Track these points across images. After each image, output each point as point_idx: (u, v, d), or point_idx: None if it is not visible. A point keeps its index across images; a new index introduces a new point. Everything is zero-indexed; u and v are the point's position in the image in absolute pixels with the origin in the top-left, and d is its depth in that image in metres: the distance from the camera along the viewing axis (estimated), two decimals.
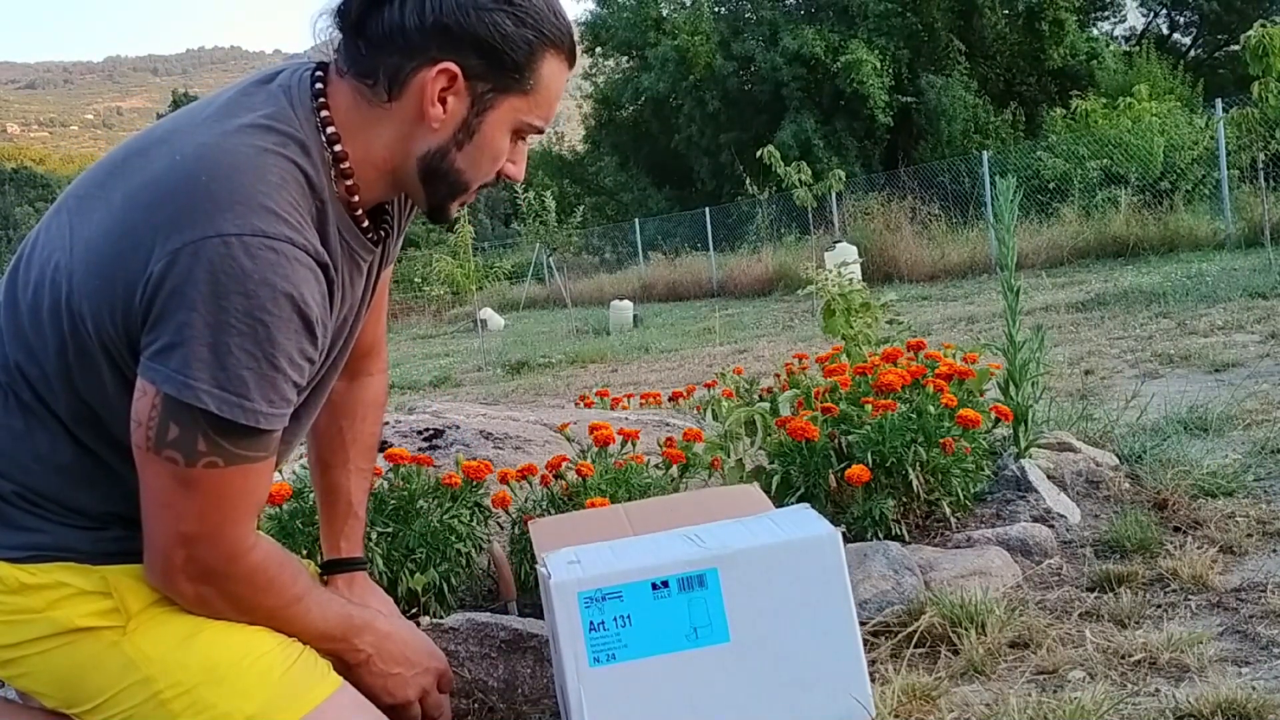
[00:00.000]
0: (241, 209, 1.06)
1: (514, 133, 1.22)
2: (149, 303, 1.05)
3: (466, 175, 1.22)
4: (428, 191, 1.23)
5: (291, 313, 1.07)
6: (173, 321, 1.03)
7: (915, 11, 22.46)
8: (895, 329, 3.69)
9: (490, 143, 1.20)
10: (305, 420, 1.32)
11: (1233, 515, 2.20)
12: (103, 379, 1.11)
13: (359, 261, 1.25)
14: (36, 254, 1.16)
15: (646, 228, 21.52)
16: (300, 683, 1.18)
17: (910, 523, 2.15)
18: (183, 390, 1.03)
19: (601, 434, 2.24)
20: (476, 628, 1.69)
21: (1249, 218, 10.76)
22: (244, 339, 1.04)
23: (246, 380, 1.05)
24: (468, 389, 7.82)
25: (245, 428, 1.07)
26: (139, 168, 1.12)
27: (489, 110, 1.18)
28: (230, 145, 1.10)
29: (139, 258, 1.05)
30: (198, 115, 1.18)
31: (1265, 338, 4.82)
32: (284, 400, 1.10)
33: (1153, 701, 1.45)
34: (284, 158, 1.12)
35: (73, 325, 1.10)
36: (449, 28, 1.13)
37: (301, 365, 1.11)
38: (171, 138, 1.14)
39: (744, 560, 1.37)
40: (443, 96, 1.16)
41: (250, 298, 1.04)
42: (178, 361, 1.03)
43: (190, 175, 1.08)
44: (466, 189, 1.24)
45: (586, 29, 27.85)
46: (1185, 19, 28.53)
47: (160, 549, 1.12)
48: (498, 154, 1.22)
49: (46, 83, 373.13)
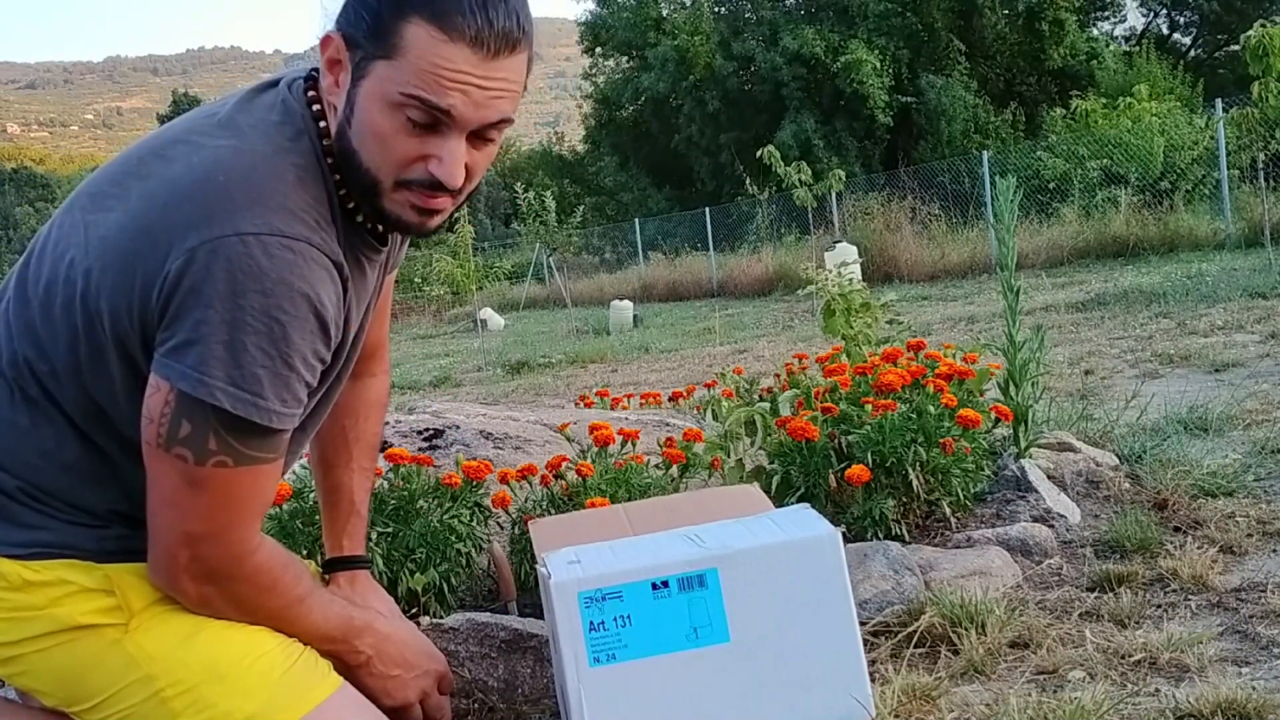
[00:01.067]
0: (260, 209, 1.06)
1: (396, 108, 1.09)
2: (166, 300, 1.05)
3: (363, 160, 1.12)
4: (356, 192, 1.16)
5: (308, 312, 1.07)
6: (189, 319, 1.04)
7: (915, 11, 22.46)
8: (895, 329, 3.69)
9: (369, 118, 1.10)
10: (313, 424, 1.32)
11: (1233, 515, 2.20)
12: (113, 375, 1.12)
13: (364, 261, 1.25)
14: (49, 250, 1.16)
15: (646, 228, 21.51)
16: (301, 683, 1.19)
17: (910, 523, 2.15)
18: (197, 387, 1.04)
19: (601, 434, 2.24)
20: (476, 628, 1.69)
21: (1249, 218, 10.76)
22: (260, 337, 1.04)
23: (261, 378, 1.05)
24: (468, 389, 7.82)
25: (257, 426, 1.07)
26: (156, 168, 1.13)
27: (362, 79, 1.10)
28: (247, 146, 1.12)
29: (157, 255, 1.06)
30: (212, 118, 1.18)
31: (1265, 338, 4.82)
32: (296, 400, 1.10)
33: (1153, 701, 1.45)
34: (299, 157, 1.13)
35: (88, 321, 1.11)
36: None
37: (315, 365, 1.11)
38: (189, 138, 1.15)
39: (744, 560, 1.37)
40: (334, 69, 1.12)
41: (268, 296, 1.04)
42: (194, 358, 1.04)
43: (208, 175, 1.08)
44: (375, 182, 1.13)
45: (586, 29, 27.87)
46: (1185, 19, 28.55)
47: (165, 547, 1.12)
48: (381, 134, 1.10)
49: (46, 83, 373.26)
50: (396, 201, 1.15)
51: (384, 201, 1.15)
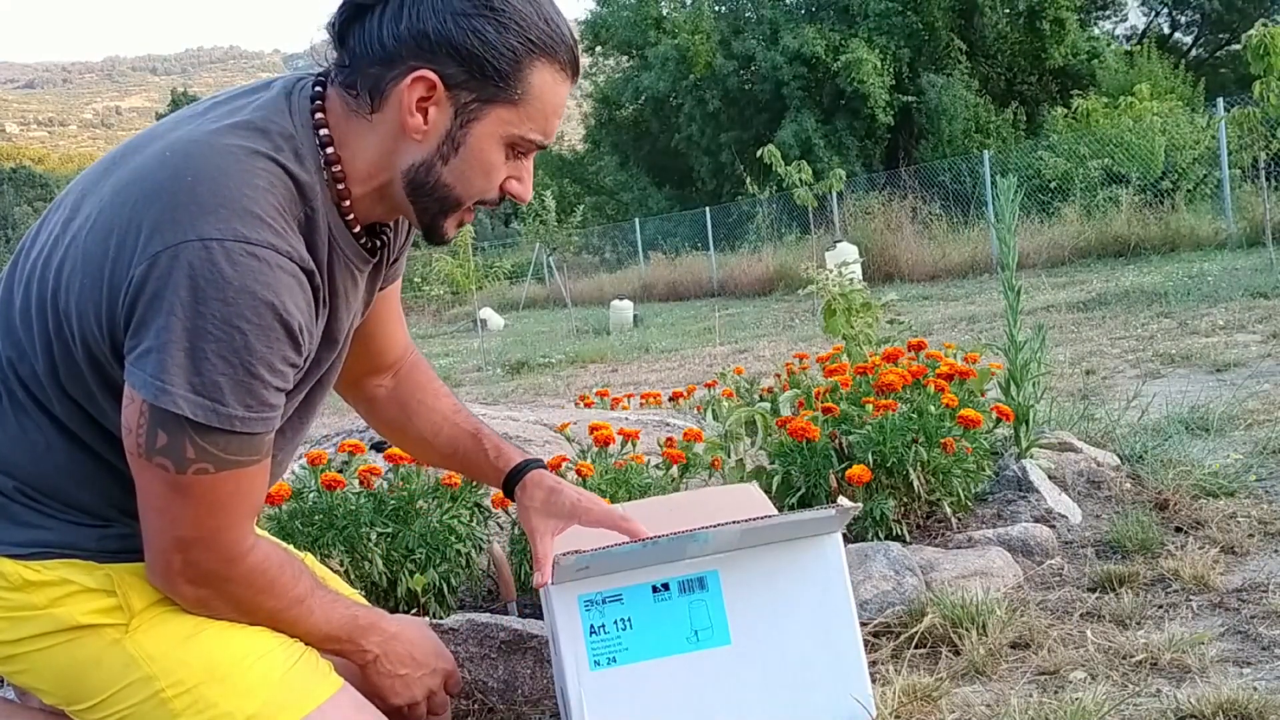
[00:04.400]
0: (225, 212, 1.04)
1: (508, 146, 1.16)
2: (131, 306, 1.04)
3: (456, 191, 1.17)
4: (417, 209, 1.19)
5: (273, 320, 1.05)
6: (153, 326, 1.02)
7: (916, 10, 22.44)
8: (896, 329, 3.69)
9: (478, 157, 1.15)
10: (306, 422, 1.31)
11: (1234, 515, 2.19)
12: (85, 377, 1.11)
13: (354, 272, 1.23)
14: (35, 249, 1.16)
15: (646, 227, 21.51)
16: (301, 683, 1.18)
17: (911, 523, 2.14)
18: (159, 396, 1.03)
19: (601, 434, 2.23)
20: (476, 628, 1.68)
21: (1250, 217, 10.76)
22: (220, 345, 1.03)
23: (222, 385, 1.04)
24: (468, 389, 7.81)
25: (226, 432, 1.06)
26: (131, 163, 1.12)
27: (474, 122, 1.13)
28: (220, 145, 1.09)
29: (123, 259, 1.04)
30: (195, 113, 1.17)
31: (1267, 337, 4.82)
32: (264, 405, 1.08)
33: (1154, 702, 1.45)
34: (274, 161, 1.10)
35: (57, 323, 1.10)
36: (426, 35, 1.09)
37: (284, 371, 1.09)
38: (166, 134, 1.14)
39: (744, 562, 1.37)
40: (422, 107, 1.12)
41: (229, 305, 1.02)
42: (154, 366, 1.02)
43: (177, 174, 1.06)
44: (458, 205, 1.19)
45: (586, 28, 27.83)
46: (1186, 18, 28.55)
47: (158, 553, 1.11)
48: (489, 169, 1.16)
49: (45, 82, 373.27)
50: (455, 220, 1.21)
51: (447, 220, 1.20)
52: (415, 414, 1.51)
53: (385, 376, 1.51)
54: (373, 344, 1.45)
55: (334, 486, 1.87)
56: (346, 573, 1.81)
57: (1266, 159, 9.79)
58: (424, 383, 1.53)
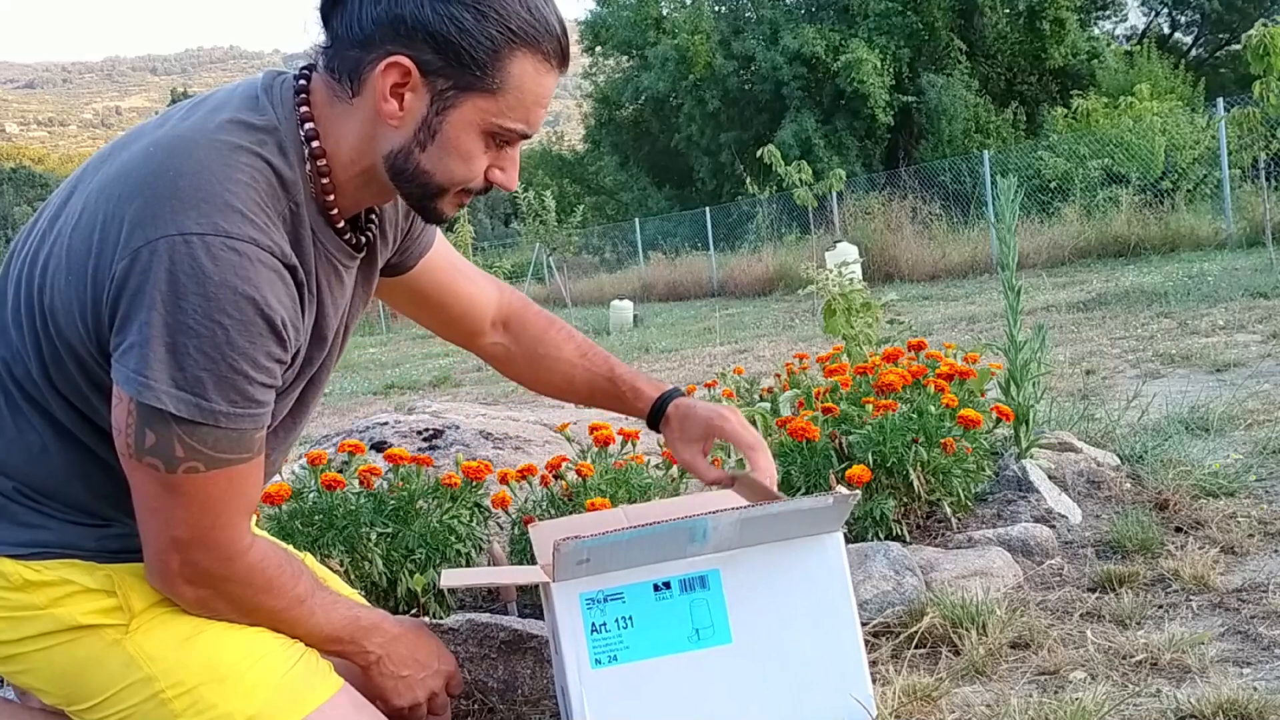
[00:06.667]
0: (206, 207, 1.04)
1: (488, 135, 1.15)
2: (114, 303, 1.04)
3: (436, 178, 1.16)
4: (402, 193, 1.19)
5: (254, 315, 1.05)
6: (135, 321, 1.02)
7: (916, 10, 22.44)
8: (896, 329, 3.70)
9: (456, 145, 1.14)
10: (300, 421, 1.30)
11: (1234, 515, 2.19)
12: (75, 379, 1.11)
13: (339, 268, 1.22)
14: (26, 247, 1.16)
15: (646, 227, 21.50)
16: (301, 684, 1.18)
17: (911, 523, 2.15)
18: (142, 391, 1.02)
19: (601, 434, 2.23)
20: (476, 628, 1.68)
21: (1250, 217, 10.76)
22: (201, 341, 1.02)
23: (204, 380, 1.03)
24: (467, 389, 7.81)
25: (211, 427, 1.05)
26: (118, 159, 1.12)
27: (450, 109, 1.12)
28: (204, 140, 1.09)
29: (105, 255, 1.04)
30: (183, 110, 1.17)
31: (1267, 338, 4.82)
32: (249, 400, 1.07)
33: (1154, 702, 1.45)
34: (258, 156, 1.10)
35: (43, 322, 1.10)
36: (403, 19, 1.08)
37: (269, 367, 1.08)
38: (153, 131, 1.14)
39: (746, 560, 1.37)
40: (398, 92, 1.11)
41: (209, 300, 1.02)
42: (137, 361, 1.02)
43: (159, 169, 1.06)
44: (440, 191, 1.18)
45: (586, 28, 27.83)
46: (1186, 18, 28.56)
47: (156, 553, 1.11)
48: (467, 157, 1.15)
49: (45, 82, 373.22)
50: (447, 202, 1.19)
51: (438, 203, 1.19)
52: (543, 367, 1.55)
53: (493, 334, 1.54)
54: (451, 310, 1.49)
55: (334, 486, 1.87)
56: (346, 573, 1.81)
57: (1266, 159, 9.81)
58: (540, 333, 1.56)
